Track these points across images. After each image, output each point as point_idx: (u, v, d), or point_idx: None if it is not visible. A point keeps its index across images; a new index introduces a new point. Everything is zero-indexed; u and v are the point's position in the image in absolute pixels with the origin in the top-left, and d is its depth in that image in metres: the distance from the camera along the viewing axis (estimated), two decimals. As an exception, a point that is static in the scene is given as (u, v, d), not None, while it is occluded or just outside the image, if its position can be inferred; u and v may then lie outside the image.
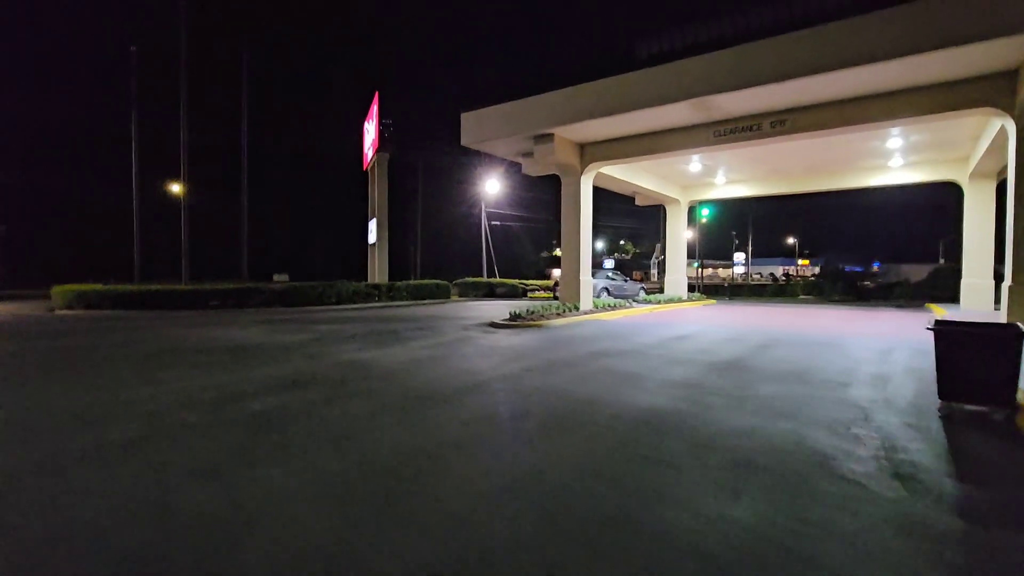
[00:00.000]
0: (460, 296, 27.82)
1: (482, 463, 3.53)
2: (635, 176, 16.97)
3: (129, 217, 24.85)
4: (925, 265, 54.08)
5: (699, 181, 19.66)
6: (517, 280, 34.24)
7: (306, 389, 5.77)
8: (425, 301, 23.50)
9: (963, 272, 16.17)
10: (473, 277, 32.85)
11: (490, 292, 29.43)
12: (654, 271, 71.85)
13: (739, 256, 73.47)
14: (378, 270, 24.22)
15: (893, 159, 15.53)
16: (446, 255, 58.10)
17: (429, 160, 47.56)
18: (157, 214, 34.31)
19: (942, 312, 14.58)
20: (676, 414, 4.74)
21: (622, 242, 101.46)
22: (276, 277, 52.05)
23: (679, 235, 21.04)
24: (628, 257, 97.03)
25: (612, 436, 4.11)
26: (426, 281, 24.43)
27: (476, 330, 11.26)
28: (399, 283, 22.97)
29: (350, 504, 2.91)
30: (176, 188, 39.33)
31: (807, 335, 10.43)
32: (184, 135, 22.44)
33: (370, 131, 25.98)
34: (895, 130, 12.65)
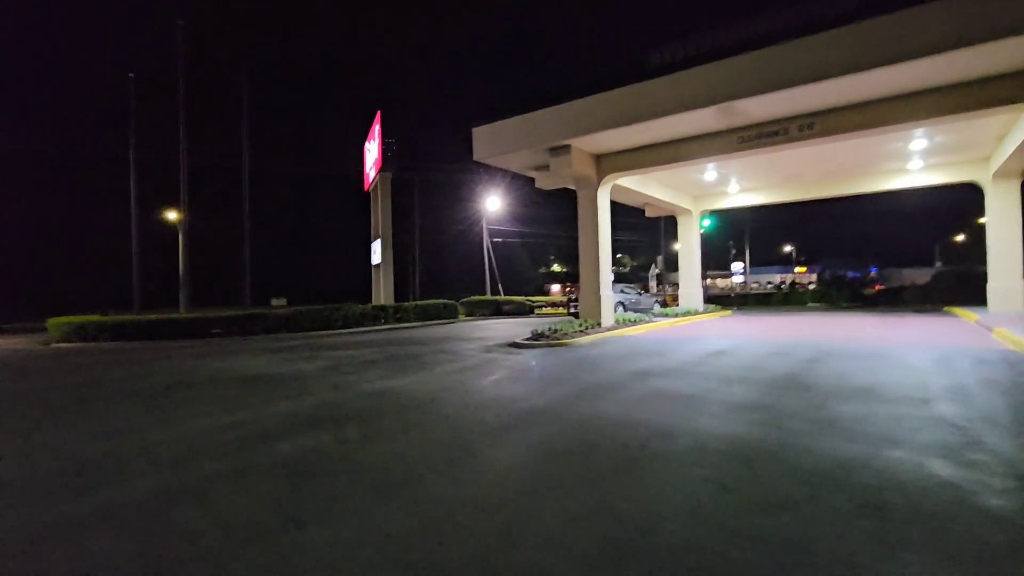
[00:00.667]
0: (467, 316, 27.33)
1: (571, 515, 3.03)
2: (647, 187, 16.67)
3: (126, 245, 24.46)
4: (926, 269, 53.82)
5: (711, 190, 19.38)
6: (524, 297, 33.80)
7: (338, 426, 5.26)
8: (432, 322, 23.02)
9: (989, 275, 15.79)
10: (476, 296, 32.44)
11: (497, 310, 28.99)
12: (652, 284, 71.73)
13: (737, 266, 73.81)
14: (383, 292, 23.77)
15: (912, 161, 15.27)
16: (445, 273, 57.72)
17: (427, 178, 47.49)
18: (154, 241, 33.91)
19: (973, 317, 14.17)
20: (762, 443, 4.25)
21: (619, 256, 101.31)
22: (274, 302, 51.49)
23: (692, 246, 20.69)
24: (626, 271, 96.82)
25: (705, 473, 3.62)
26: (433, 301, 23.97)
27: (498, 351, 10.76)
28: (406, 304, 22.50)
29: (433, 578, 2.41)
30: (174, 214, 39.08)
31: (849, 346, 9.97)
32: (184, 159, 22.15)
33: (372, 151, 25.73)
34: (919, 131, 12.38)
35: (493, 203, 42.19)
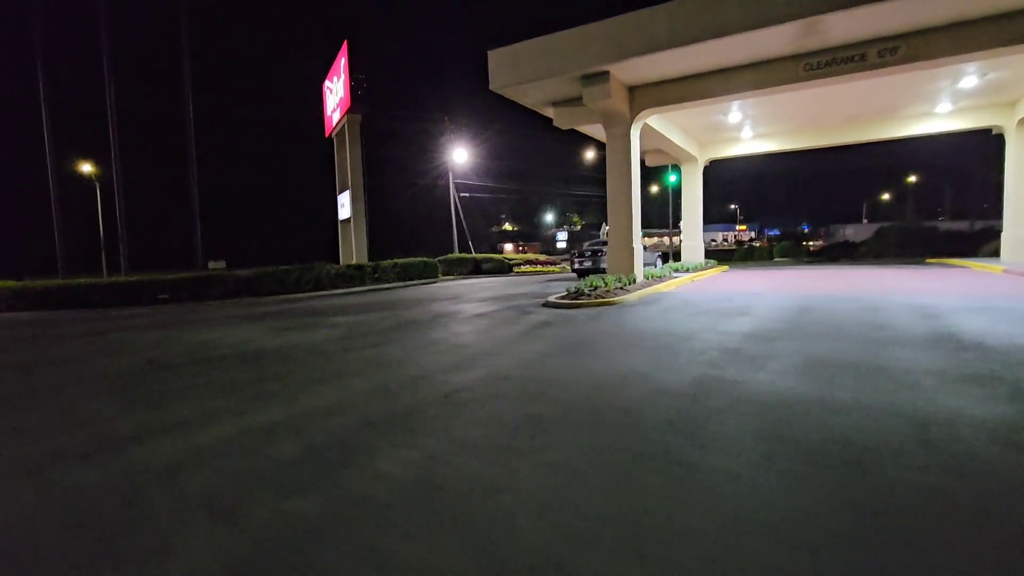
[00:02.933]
0: (444, 274, 25.53)
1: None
2: (669, 129, 15.22)
3: (45, 202, 20.63)
4: (868, 225, 56.25)
5: (722, 136, 18.20)
6: (501, 255, 32.23)
7: (433, 436, 3.67)
8: (414, 281, 21.14)
9: (1005, 223, 15.62)
10: (443, 254, 30.60)
11: (476, 269, 27.36)
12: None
13: (683, 223, 75.12)
14: (356, 250, 21.49)
15: (941, 105, 14.58)
16: (403, 231, 54.84)
17: (386, 128, 44.08)
18: (77, 197, 29.50)
19: (998, 268, 13.88)
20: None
21: (567, 214, 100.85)
22: (212, 265, 47.26)
23: (696, 196, 19.63)
24: (578, 229, 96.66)
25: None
26: (413, 259, 21.97)
27: (543, 312, 9.26)
28: (385, 263, 20.43)
29: None
30: (88, 166, 34.24)
31: (933, 300, 9.10)
32: (111, 99, 18.57)
33: (335, 90, 22.75)
34: (972, 67, 11.52)
35: (460, 155, 39.70)
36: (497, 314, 9.48)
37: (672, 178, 51.30)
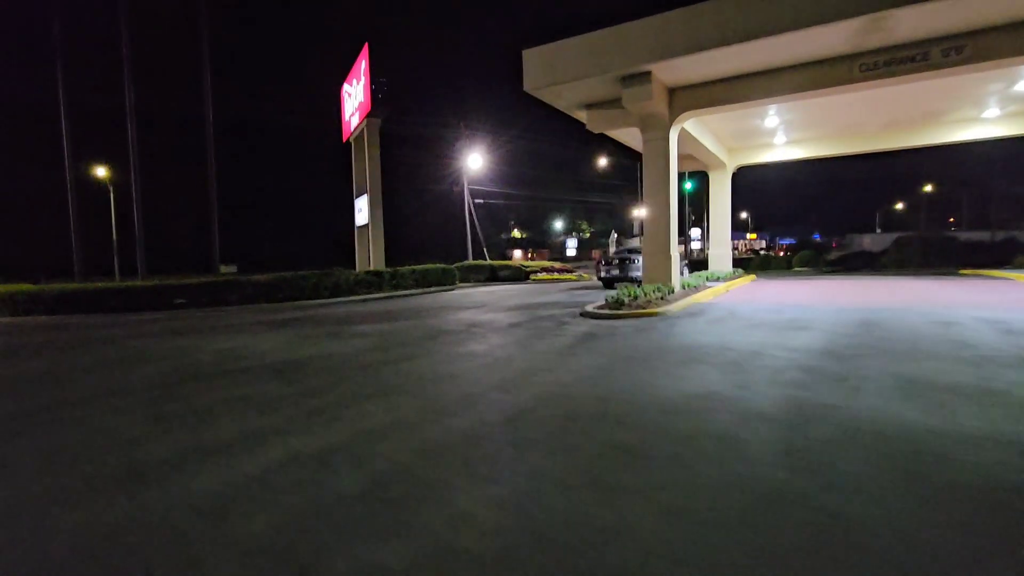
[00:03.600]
0: (461, 281, 25.16)
1: None
2: (703, 134, 14.79)
3: (61, 206, 20.57)
4: (885, 235, 55.43)
5: (753, 142, 17.73)
6: (517, 263, 31.85)
7: (515, 456, 3.24)
8: (432, 288, 20.76)
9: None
10: (457, 261, 30.27)
11: (492, 276, 26.97)
12: (612, 249, 71.45)
13: (695, 232, 75.10)
14: (373, 255, 21.18)
15: (989, 110, 14.03)
16: (416, 237, 54.65)
17: (400, 132, 44.05)
18: (90, 202, 29.58)
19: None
20: None
21: (576, 222, 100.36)
22: (223, 269, 47.26)
23: (724, 204, 19.13)
24: (587, 237, 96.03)
25: None
26: (431, 266, 21.62)
27: (582, 321, 8.81)
28: (403, 269, 20.09)
29: None
30: (103, 171, 34.37)
31: (979, 309, 8.54)
32: (130, 102, 18.48)
33: (355, 93, 22.57)
34: (1030, 69, 10.99)
35: (475, 161, 39.49)
36: (533, 324, 9.05)
37: (688, 185, 50.56)
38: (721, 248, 19.43)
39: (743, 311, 9.58)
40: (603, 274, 17.16)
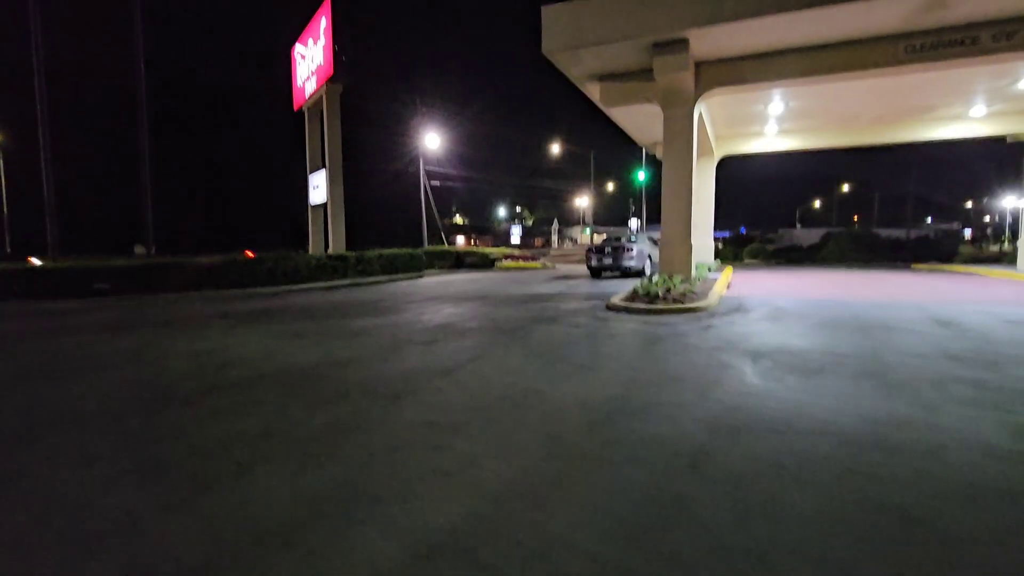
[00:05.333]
0: (426, 268, 23.55)
1: None
2: (712, 115, 14.10)
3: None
4: (812, 230, 59.26)
5: (744, 130, 17.36)
6: (491, 249, 30.61)
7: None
8: (400, 275, 19.14)
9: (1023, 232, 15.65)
10: (410, 246, 28.63)
11: (458, 263, 25.64)
12: (555, 238, 72.02)
13: (633, 222, 77.48)
14: (332, 238, 19.13)
15: (975, 108, 14.29)
16: (367, 220, 51.62)
17: (351, 104, 41.14)
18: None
19: (1009, 274, 13.73)
20: None
21: (518, 209, 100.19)
22: (138, 250, 42.49)
23: (709, 193, 18.74)
24: (530, 224, 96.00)
25: None
26: (399, 251, 19.95)
27: (623, 317, 7.77)
28: (369, 253, 18.34)
29: None
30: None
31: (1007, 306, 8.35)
32: (37, 51, 15.28)
33: (311, 55, 20.19)
34: (1035, 67, 11.05)
35: (432, 141, 37.53)
36: (567, 320, 7.92)
37: (641, 175, 50.93)
38: (705, 238, 19.09)
39: (784, 306, 8.93)
40: (593, 263, 16.26)
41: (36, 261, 16.62)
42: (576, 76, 11.11)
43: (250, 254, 16.90)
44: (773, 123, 16.22)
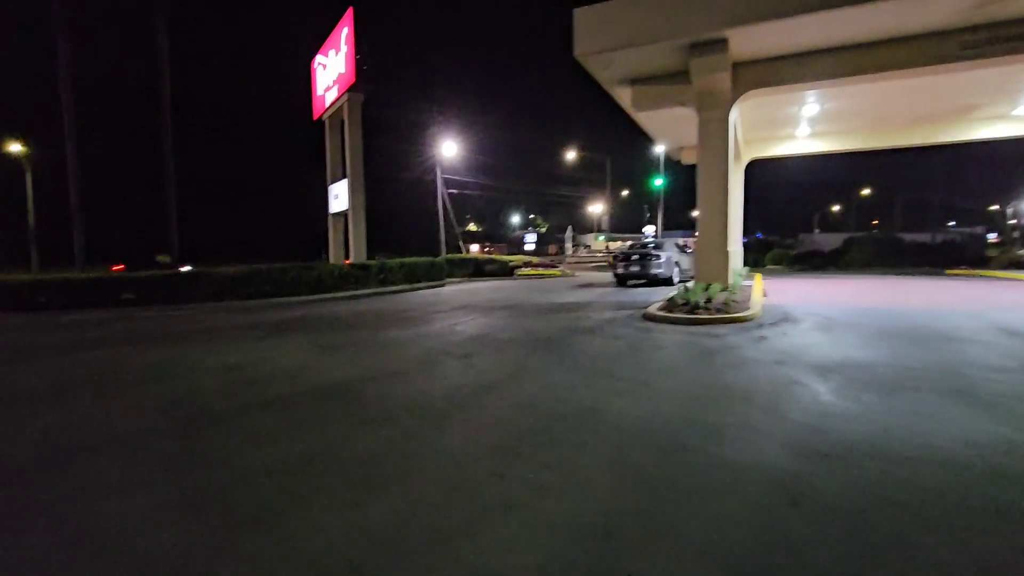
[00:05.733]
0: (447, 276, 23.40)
1: None
2: (742, 117, 13.74)
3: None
4: (832, 235, 58.05)
5: (774, 133, 16.94)
6: (508, 257, 30.48)
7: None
8: (421, 284, 18.97)
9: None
10: (427, 254, 28.56)
11: (478, 271, 25.42)
12: (568, 245, 71.61)
13: (648, 229, 76.76)
14: (353, 247, 19.07)
15: (1021, 107, 13.73)
16: (385, 229, 51.80)
17: (369, 114, 41.42)
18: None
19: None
20: None
21: (531, 216, 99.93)
22: (160, 259, 43.05)
23: (738, 198, 18.26)
24: (544, 231, 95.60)
25: None
26: (419, 259, 19.81)
27: (666, 328, 7.45)
28: (391, 262, 18.22)
29: None
30: (18, 147, 30.23)
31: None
32: (65, 64, 15.55)
33: (331, 65, 20.27)
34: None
35: (449, 149, 37.56)
36: (607, 329, 7.62)
37: (658, 181, 50.43)
38: (734, 245, 18.58)
39: (832, 315, 8.51)
40: (620, 271, 15.89)
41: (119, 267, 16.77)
42: (606, 80, 10.88)
43: (275, 265, 16.98)
44: (805, 125, 15.78)
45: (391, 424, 3.81)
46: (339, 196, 20.65)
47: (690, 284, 14.27)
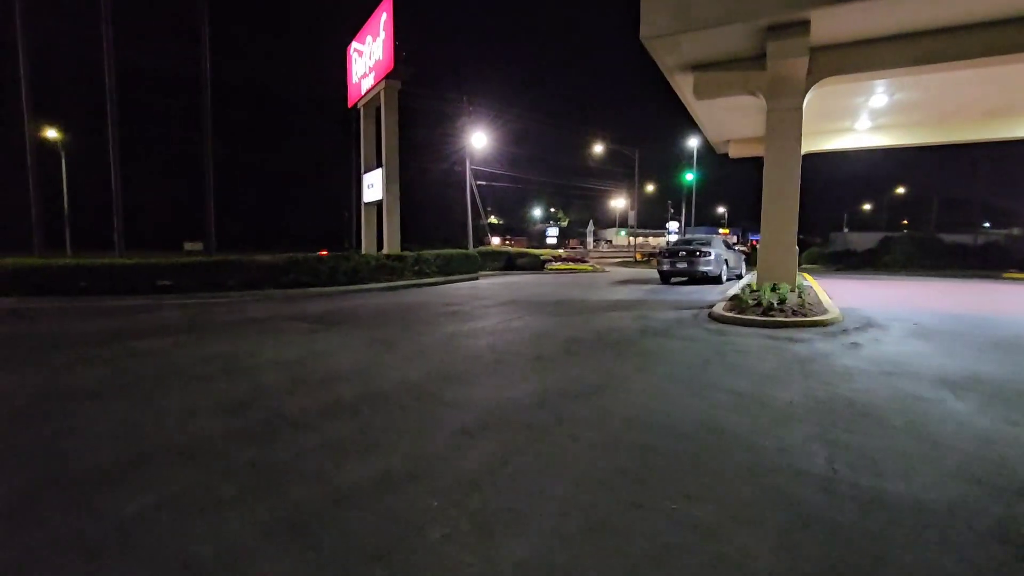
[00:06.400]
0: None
1: None
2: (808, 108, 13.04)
3: (18, 168, 17.39)
4: (871, 233, 56.16)
5: (832, 125, 16.14)
6: (538, 251, 30.13)
7: None
8: (456, 276, 18.64)
9: None
10: (455, 246, 28.33)
11: (510, 264, 25.03)
12: (590, 240, 70.73)
13: (672, 225, 75.62)
14: (387, 237, 18.83)
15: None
16: (415, 220, 51.67)
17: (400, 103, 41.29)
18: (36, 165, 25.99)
19: None
20: None
21: (552, 210, 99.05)
22: (188, 247, 43.41)
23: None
24: (565, 225, 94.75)
25: None
26: (454, 251, 19.55)
27: (744, 332, 6.98)
28: (426, 253, 17.95)
29: None
30: (54, 133, 30.62)
31: None
32: (108, 49, 15.48)
33: (368, 52, 19.96)
34: None
35: (479, 140, 37.12)
36: (677, 331, 7.16)
37: (689, 176, 49.44)
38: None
39: (922, 321, 7.89)
40: (665, 267, 15.32)
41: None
42: (669, 66, 10.29)
43: (323, 253, 16.88)
44: (866, 118, 14.96)
45: (489, 436, 3.44)
46: (373, 185, 20.40)
47: (740, 283, 13.72)
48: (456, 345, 6.45)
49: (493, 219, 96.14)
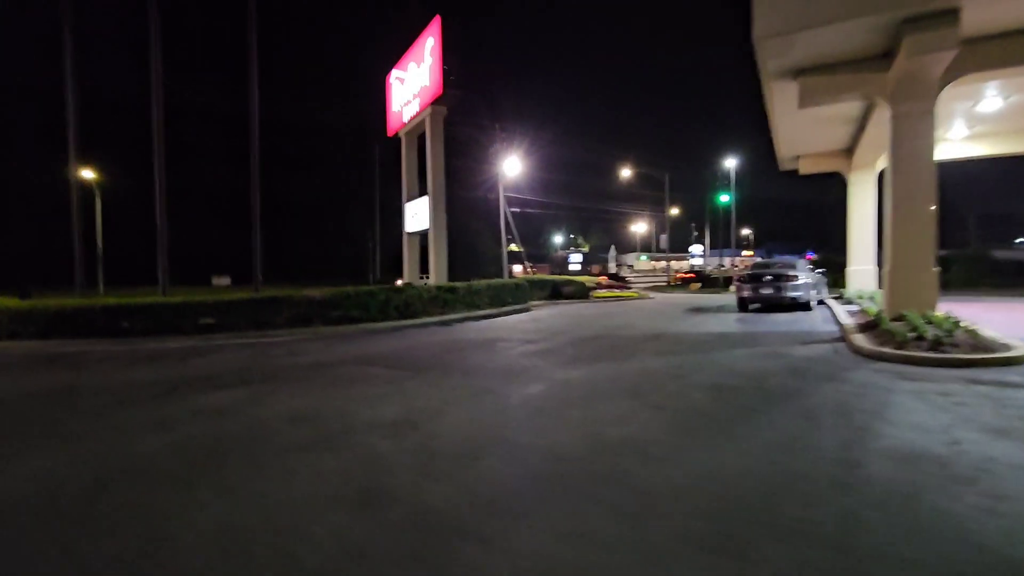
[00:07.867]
0: (523, 300, 22.08)
1: None
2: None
3: (46, 209, 17.21)
4: None
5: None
6: (583, 278, 29.25)
7: None
8: (507, 308, 17.62)
9: None
10: (486, 275, 27.45)
11: (555, 293, 23.96)
12: (612, 265, 69.45)
13: (696, 248, 74.34)
14: (434, 267, 18.01)
15: None
16: (452, 249, 51.25)
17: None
18: (71, 204, 26.13)
19: None
20: None
21: (571, 235, 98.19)
22: (216, 281, 43.23)
23: (867, 212, 16.23)
24: (587, 250, 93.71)
25: None
26: (504, 281, 18.66)
27: (897, 369, 5.76)
28: (477, 283, 17.01)
29: None
30: (89, 173, 30.98)
31: None
32: (157, 87, 15.22)
33: (410, 79, 19.54)
34: None
35: (512, 167, 36.62)
36: (829, 373, 5.96)
37: (724, 198, 48.40)
38: (864, 264, 16.49)
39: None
40: (746, 294, 14.04)
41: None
42: (772, 70, 9.28)
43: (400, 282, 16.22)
44: (962, 126, 13.72)
45: (720, 556, 2.31)
46: (417, 215, 19.73)
47: (837, 307, 12.36)
48: (586, 398, 5.36)
49: (514, 246, 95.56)
